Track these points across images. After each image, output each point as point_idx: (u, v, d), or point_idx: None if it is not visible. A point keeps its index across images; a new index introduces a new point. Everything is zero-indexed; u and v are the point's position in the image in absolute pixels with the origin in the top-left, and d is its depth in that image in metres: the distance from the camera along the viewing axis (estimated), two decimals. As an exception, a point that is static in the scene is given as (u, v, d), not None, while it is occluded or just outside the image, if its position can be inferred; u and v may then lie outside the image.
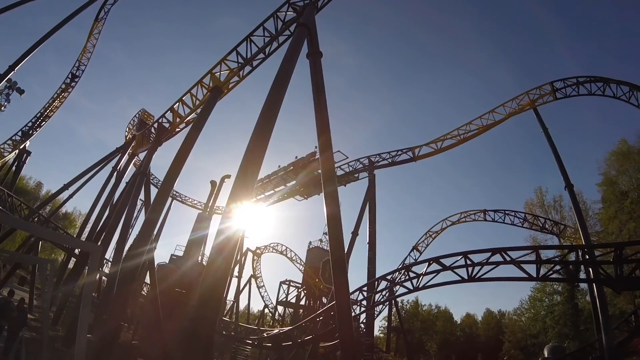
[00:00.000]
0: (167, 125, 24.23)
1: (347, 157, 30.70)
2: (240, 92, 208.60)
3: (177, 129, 23.96)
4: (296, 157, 33.40)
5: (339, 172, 31.20)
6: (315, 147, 12.91)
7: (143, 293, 31.11)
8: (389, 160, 30.82)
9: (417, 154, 30.31)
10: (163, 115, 24.62)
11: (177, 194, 46.43)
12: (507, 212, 37.45)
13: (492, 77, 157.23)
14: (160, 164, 52.94)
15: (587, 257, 15.33)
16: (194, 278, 21.94)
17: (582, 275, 25.26)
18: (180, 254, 26.79)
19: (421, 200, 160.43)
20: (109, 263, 32.44)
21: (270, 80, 12.46)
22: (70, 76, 40.79)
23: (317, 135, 12.34)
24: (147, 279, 26.08)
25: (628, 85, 22.51)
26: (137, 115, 34.87)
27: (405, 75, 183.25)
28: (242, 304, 53.11)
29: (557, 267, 14.88)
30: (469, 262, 14.77)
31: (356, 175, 31.92)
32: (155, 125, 26.23)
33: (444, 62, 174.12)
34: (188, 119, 22.85)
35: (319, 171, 13.07)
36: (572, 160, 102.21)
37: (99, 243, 25.26)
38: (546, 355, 22.78)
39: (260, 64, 19.30)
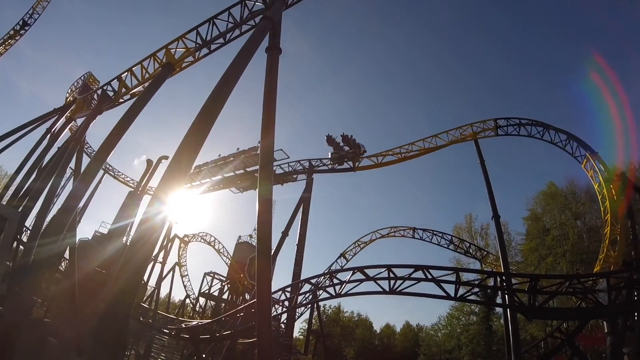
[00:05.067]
0: (111, 93, 22.85)
1: (288, 157, 30.77)
2: (191, 74, 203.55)
3: (121, 100, 22.78)
4: (238, 149, 32.88)
5: (279, 171, 31.27)
6: (259, 142, 12.77)
7: (61, 268, 29.59)
8: (329, 166, 31.16)
9: (357, 165, 30.79)
10: (109, 83, 23.16)
11: (110, 168, 43.54)
12: (435, 232, 39.15)
13: (447, 100, 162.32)
14: (97, 133, 50.24)
15: (505, 284, 16.10)
16: (116, 259, 21.01)
17: (499, 300, 26.65)
18: (105, 231, 25.71)
19: (356, 210, 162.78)
20: (29, 231, 30.53)
21: (225, 67, 12.24)
22: (21, 23, 38.03)
23: (261, 129, 12.19)
24: (67, 254, 24.84)
25: (566, 134, 24.43)
26: (82, 78, 32.72)
27: (365, 85, 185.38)
28: (164, 292, 51.72)
29: (476, 290, 15.57)
30: (392, 275, 15.10)
31: (295, 176, 31.97)
32: (99, 91, 24.79)
33: (403, 78, 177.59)
34: (134, 91, 21.72)
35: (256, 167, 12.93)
36: (506, 192, 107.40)
37: (20, 209, 23.69)
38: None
39: (218, 49, 18.73)
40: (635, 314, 17.41)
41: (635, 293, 15.38)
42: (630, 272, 15.47)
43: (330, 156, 30.53)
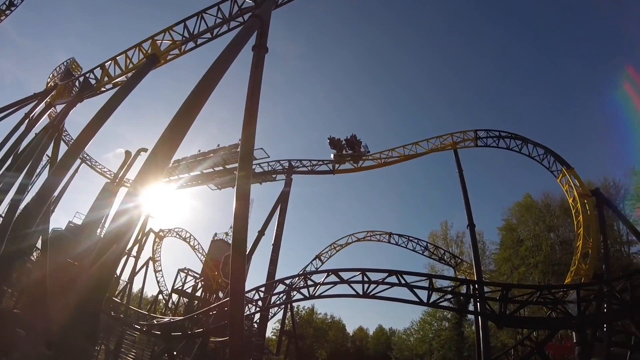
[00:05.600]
0: (93, 81, 22.35)
1: (268, 157, 30.66)
2: (176, 68, 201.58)
3: (103, 89, 22.35)
4: (218, 145, 32.56)
5: (258, 170, 31.08)
6: (239, 140, 12.62)
7: (32, 259, 28.92)
8: (309, 168, 31.14)
9: (336, 168, 30.83)
10: (92, 71, 22.68)
11: (87, 157, 41.61)
12: (410, 238, 39.40)
13: (431, 107, 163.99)
14: (76, 121, 49.19)
15: (477, 292, 16.38)
16: (89, 251, 20.69)
17: (471, 308, 27.02)
18: (79, 222, 25.24)
19: (334, 212, 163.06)
20: (1, 218, 29.80)
21: (210, 63, 12.17)
22: (7, 3, 37.08)
23: (242, 125, 12.12)
24: (39, 244, 24.31)
25: (544, 148, 25.01)
26: (65, 64, 32.17)
27: (350, 88, 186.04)
28: (136, 287, 50.62)
29: (449, 297, 15.77)
30: (366, 278, 15.25)
31: (274, 175, 31.93)
32: (81, 78, 24.34)
33: (388, 84, 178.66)
34: (117, 80, 21.37)
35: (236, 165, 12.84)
36: (484, 201, 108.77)
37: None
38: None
39: (204, 44, 18.62)
40: (604, 325, 18.01)
41: (605, 306, 15.90)
42: (600, 285, 15.93)
43: (332, 157, 30.30)
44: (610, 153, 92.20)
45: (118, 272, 34.27)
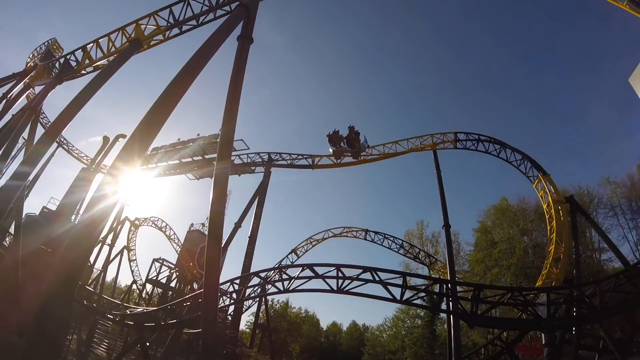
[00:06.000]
0: (74, 64, 22.01)
1: (248, 148, 30.63)
2: (158, 54, 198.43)
3: (83, 72, 21.97)
4: (198, 135, 32.40)
5: (237, 161, 31.05)
6: (220, 130, 12.52)
7: (5, 244, 28.20)
8: (289, 161, 31.27)
9: (316, 163, 31.05)
10: (73, 53, 22.33)
11: (64, 141, 40.55)
12: (386, 235, 39.86)
13: (413, 107, 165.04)
14: (55, 103, 47.91)
15: (450, 291, 16.65)
16: (63, 238, 20.27)
17: (443, 306, 27.45)
18: (54, 208, 24.71)
19: (312, 207, 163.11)
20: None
21: (194, 51, 12.04)
22: None
23: (223, 114, 12.01)
24: (12, 230, 23.75)
25: (521, 154, 25.61)
26: (46, 44, 31.35)
27: (333, 83, 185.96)
28: (110, 276, 49.91)
29: (422, 295, 16.00)
30: (340, 274, 15.38)
31: (253, 168, 31.86)
32: (62, 60, 23.85)
33: (371, 82, 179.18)
34: (98, 64, 21.03)
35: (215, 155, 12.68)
36: (462, 202, 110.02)
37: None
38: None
39: (189, 31, 18.39)
40: (573, 328, 18.54)
41: (574, 309, 16.35)
42: (571, 289, 16.35)
43: (331, 151, 29.41)
44: (586, 162, 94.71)
45: (92, 260, 33.74)
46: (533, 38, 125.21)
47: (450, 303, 16.80)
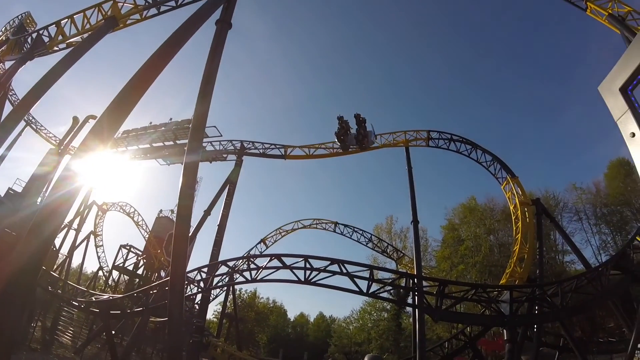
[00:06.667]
0: (46, 39, 21.30)
1: (221, 135, 30.41)
2: (134, 34, 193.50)
3: (56, 48, 21.27)
4: (170, 119, 31.54)
5: (209, 148, 30.70)
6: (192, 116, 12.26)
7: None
8: (261, 150, 31.09)
9: (288, 153, 30.99)
10: (46, 28, 21.60)
11: (32, 120, 38.85)
12: (355, 229, 40.48)
13: (389, 103, 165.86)
14: (25, 80, 46.03)
15: (416, 286, 16.99)
16: (28, 220, 19.66)
17: (409, 300, 27.88)
18: (19, 189, 23.97)
19: (283, 197, 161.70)
20: None
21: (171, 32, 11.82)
22: None
23: (197, 97, 11.82)
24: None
25: (491, 155, 26.36)
26: (19, 17, 30.29)
27: (311, 75, 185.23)
28: (76, 262, 48.73)
29: (389, 288, 16.25)
30: (308, 265, 15.58)
31: (225, 155, 31.44)
32: (34, 35, 23.12)
33: (350, 75, 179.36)
34: (71, 41, 20.39)
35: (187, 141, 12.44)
36: (433, 199, 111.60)
37: None
38: (366, 363, 24.96)
39: (167, 12, 18.01)
40: (534, 326, 19.16)
41: (536, 307, 16.92)
42: (533, 288, 16.97)
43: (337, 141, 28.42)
44: (555, 167, 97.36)
45: (57, 245, 32.83)
46: (514, 43, 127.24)
47: (416, 297, 17.15)
